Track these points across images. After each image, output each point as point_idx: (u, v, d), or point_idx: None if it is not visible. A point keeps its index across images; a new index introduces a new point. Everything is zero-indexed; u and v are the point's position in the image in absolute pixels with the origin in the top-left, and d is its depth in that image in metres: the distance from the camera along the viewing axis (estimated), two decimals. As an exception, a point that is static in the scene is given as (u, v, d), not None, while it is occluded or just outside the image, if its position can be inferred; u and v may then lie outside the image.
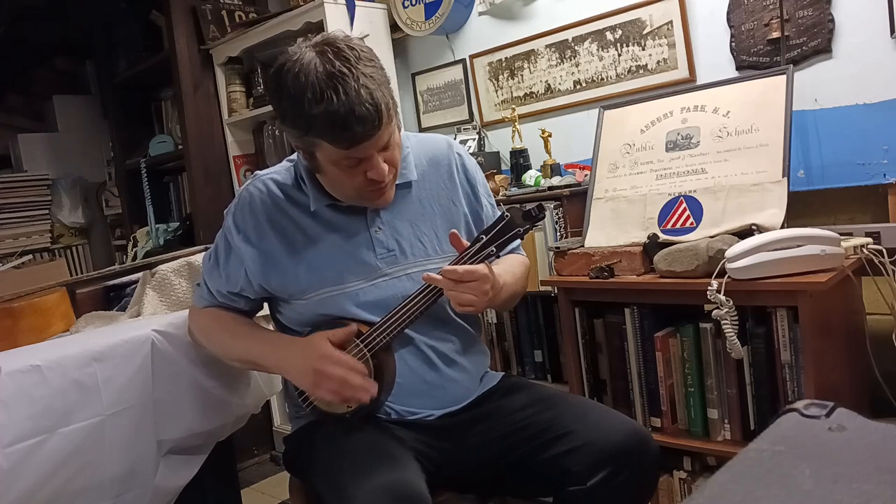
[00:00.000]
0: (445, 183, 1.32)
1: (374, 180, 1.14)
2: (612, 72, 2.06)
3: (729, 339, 1.38)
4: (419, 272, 1.19)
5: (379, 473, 1.05)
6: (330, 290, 1.22)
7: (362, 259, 1.23)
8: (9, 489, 1.13)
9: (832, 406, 0.56)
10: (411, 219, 1.27)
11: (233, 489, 1.70)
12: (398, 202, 1.26)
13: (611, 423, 1.17)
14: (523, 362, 2.08)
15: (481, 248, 1.13)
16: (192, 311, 1.37)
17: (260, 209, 1.24)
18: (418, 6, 2.38)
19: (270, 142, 2.76)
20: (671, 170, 1.67)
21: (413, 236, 1.26)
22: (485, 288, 1.11)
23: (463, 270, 1.10)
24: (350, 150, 1.09)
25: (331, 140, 1.09)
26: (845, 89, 1.66)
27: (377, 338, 1.17)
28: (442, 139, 1.38)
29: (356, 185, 1.15)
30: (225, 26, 2.81)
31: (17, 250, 3.24)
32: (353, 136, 1.07)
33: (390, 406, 1.23)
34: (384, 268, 1.23)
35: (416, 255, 1.25)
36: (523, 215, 1.12)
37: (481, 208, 1.35)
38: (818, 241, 1.35)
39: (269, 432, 2.87)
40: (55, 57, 3.72)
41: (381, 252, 1.23)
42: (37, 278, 1.72)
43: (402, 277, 1.23)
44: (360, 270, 1.22)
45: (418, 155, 1.31)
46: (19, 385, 1.17)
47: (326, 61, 1.07)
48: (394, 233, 1.25)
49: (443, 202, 1.31)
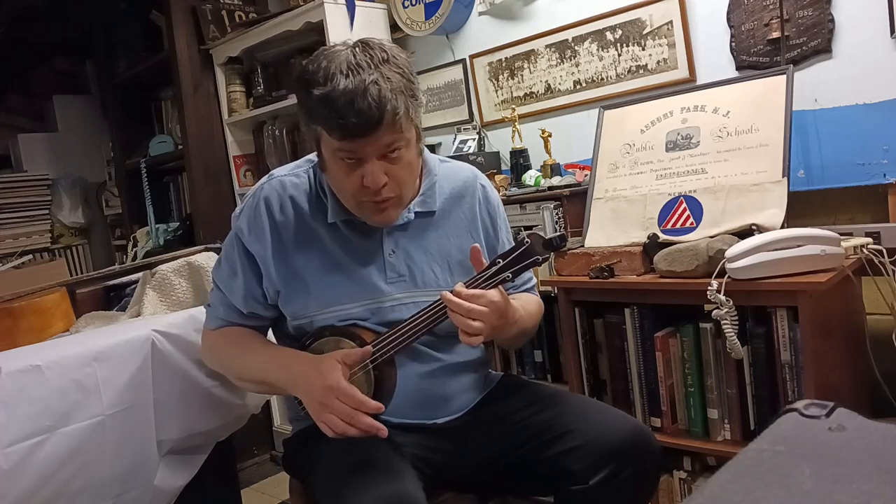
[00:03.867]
0: (465, 216, 1.29)
1: (369, 188, 1.10)
2: (612, 72, 2.06)
3: (729, 339, 1.38)
4: (426, 302, 1.14)
5: (377, 485, 1.03)
6: (334, 310, 1.19)
7: (371, 282, 1.20)
8: (9, 489, 1.13)
9: (832, 406, 0.55)
10: (427, 248, 1.24)
11: (233, 489, 1.70)
12: (417, 229, 1.23)
13: (612, 422, 1.16)
14: (523, 362, 2.08)
15: (497, 272, 1.09)
16: (204, 335, 1.32)
17: (277, 210, 1.20)
18: (418, 6, 2.38)
19: (270, 142, 2.76)
20: (671, 170, 1.67)
21: (426, 265, 1.23)
22: (493, 313, 1.07)
23: (473, 292, 1.06)
24: (343, 143, 1.06)
25: (325, 126, 1.06)
26: (845, 89, 1.66)
27: (382, 349, 1.13)
28: (468, 169, 1.35)
29: (353, 190, 1.12)
30: (225, 26, 2.81)
31: (17, 250, 3.25)
32: (345, 127, 1.03)
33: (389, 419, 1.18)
34: (393, 292, 1.20)
35: (426, 284, 1.22)
36: (544, 244, 1.09)
37: (498, 244, 1.33)
38: (818, 241, 1.34)
39: (269, 432, 2.87)
40: (55, 57, 3.72)
41: (392, 276, 1.20)
42: (37, 278, 1.72)
43: (409, 304, 1.19)
44: (367, 293, 1.19)
45: (442, 186, 1.27)
46: (19, 385, 1.17)
47: (353, 54, 1.06)
48: (407, 258, 1.22)
49: (461, 235, 1.28)
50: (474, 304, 1.06)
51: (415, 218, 1.23)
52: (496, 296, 1.09)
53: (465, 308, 1.05)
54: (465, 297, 1.06)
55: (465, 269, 1.21)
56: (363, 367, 1.14)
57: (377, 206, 1.14)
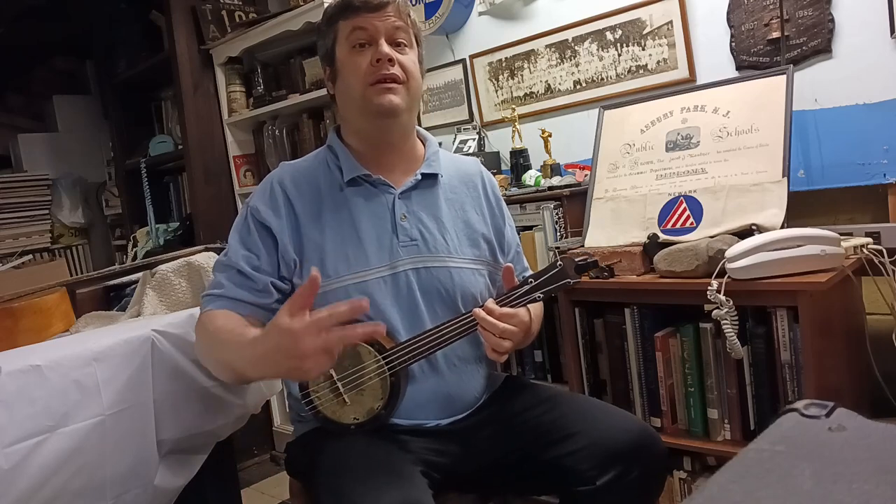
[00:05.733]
0: (472, 194, 1.35)
1: (380, 64, 1.18)
2: (612, 72, 2.06)
3: (729, 339, 1.38)
4: (437, 267, 1.21)
5: (385, 491, 1.01)
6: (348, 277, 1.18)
7: (386, 245, 1.22)
8: (9, 489, 1.12)
9: (832, 406, 0.55)
10: (436, 215, 1.28)
11: (233, 489, 1.70)
12: (425, 196, 1.28)
13: (617, 423, 1.16)
14: (523, 362, 2.07)
15: (528, 293, 1.14)
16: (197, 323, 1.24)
17: (290, 187, 1.24)
18: (418, 6, 2.38)
19: (270, 142, 2.76)
20: (671, 170, 1.67)
21: (437, 231, 1.26)
22: (521, 333, 1.14)
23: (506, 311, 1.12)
24: (357, 19, 1.19)
25: (342, 14, 1.21)
26: (845, 89, 1.66)
27: (401, 358, 1.13)
28: (472, 160, 1.44)
29: (365, 71, 1.19)
30: (225, 26, 2.81)
31: (17, 250, 3.25)
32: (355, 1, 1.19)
33: (396, 421, 1.20)
34: (404, 256, 1.22)
35: (437, 250, 1.24)
36: (576, 267, 1.14)
37: (505, 227, 1.38)
38: (818, 241, 1.34)
39: (269, 432, 2.87)
40: (55, 57, 3.73)
41: (404, 240, 1.23)
42: (37, 278, 1.72)
43: (420, 270, 1.22)
44: (381, 255, 1.21)
45: (447, 165, 1.34)
46: (19, 385, 1.17)
47: None
48: (418, 223, 1.25)
49: (467, 209, 1.32)
50: (507, 325, 1.11)
51: (422, 179, 1.28)
52: (525, 315, 1.14)
53: (500, 329, 1.11)
54: (497, 315, 1.11)
55: (472, 242, 1.30)
56: (379, 373, 1.13)
57: (385, 87, 1.19)
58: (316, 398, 1.17)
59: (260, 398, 1.59)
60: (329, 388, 1.16)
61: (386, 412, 1.15)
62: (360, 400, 1.16)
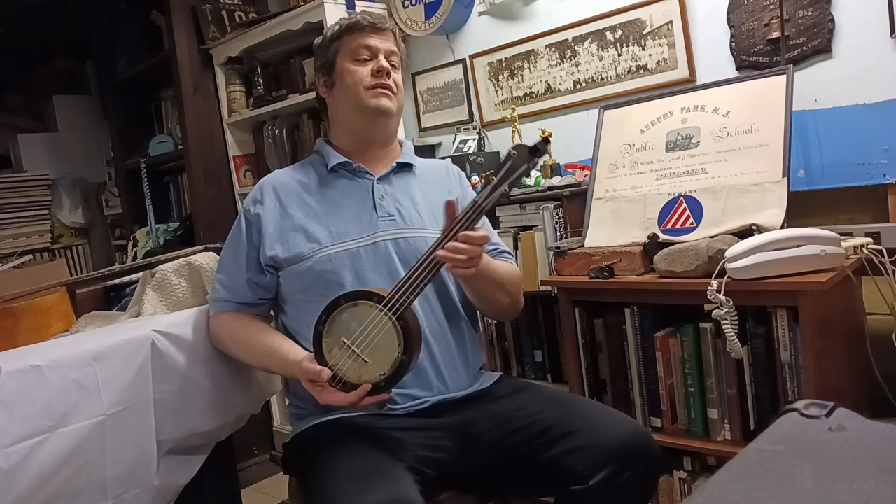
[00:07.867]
0: (443, 181, 1.49)
1: (381, 72, 1.36)
2: (612, 72, 2.06)
3: (729, 339, 1.38)
4: (414, 237, 1.33)
5: (375, 489, 1.05)
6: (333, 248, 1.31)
7: (366, 219, 1.35)
8: (9, 489, 1.12)
9: (832, 406, 0.56)
10: (412, 198, 1.41)
11: (233, 489, 1.70)
12: (400, 180, 1.44)
13: (612, 423, 1.18)
14: (523, 362, 2.08)
15: (494, 188, 1.17)
16: (211, 319, 1.43)
17: (278, 184, 1.41)
18: (418, 6, 2.38)
19: (270, 142, 2.76)
20: (671, 170, 1.67)
21: (413, 209, 1.39)
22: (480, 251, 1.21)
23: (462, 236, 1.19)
24: (362, 36, 1.37)
25: (347, 31, 1.38)
26: (845, 89, 1.66)
27: (400, 300, 1.17)
28: (444, 160, 1.62)
29: (367, 76, 1.36)
30: (225, 26, 2.81)
31: (17, 250, 3.25)
32: (365, 20, 1.38)
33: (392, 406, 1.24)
34: (384, 229, 1.34)
35: (413, 224, 1.37)
36: (529, 151, 1.16)
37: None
38: (818, 241, 1.35)
39: (269, 432, 2.87)
40: (55, 57, 3.72)
41: (383, 215, 1.36)
42: (37, 278, 1.72)
43: (398, 240, 1.33)
44: (361, 228, 1.34)
45: (421, 162, 1.50)
46: (19, 385, 1.17)
47: None
48: (395, 202, 1.39)
49: (441, 192, 1.42)
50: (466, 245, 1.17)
51: (397, 167, 1.44)
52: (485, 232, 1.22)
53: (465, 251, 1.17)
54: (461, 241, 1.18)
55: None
56: (387, 322, 1.17)
57: (382, 90, 1.37)
58: (339, 371, 1.19)
59: (260, 398, 1.59)
60: (347, 356, 1.18)
61: (407, 357, 1.16)
62: (379, 355, 1.17)
